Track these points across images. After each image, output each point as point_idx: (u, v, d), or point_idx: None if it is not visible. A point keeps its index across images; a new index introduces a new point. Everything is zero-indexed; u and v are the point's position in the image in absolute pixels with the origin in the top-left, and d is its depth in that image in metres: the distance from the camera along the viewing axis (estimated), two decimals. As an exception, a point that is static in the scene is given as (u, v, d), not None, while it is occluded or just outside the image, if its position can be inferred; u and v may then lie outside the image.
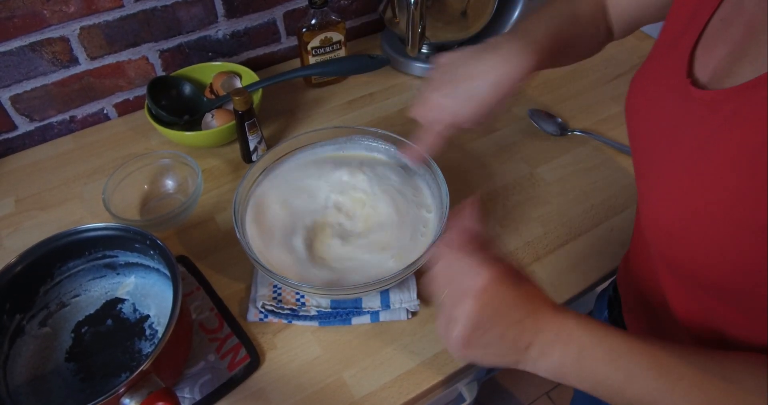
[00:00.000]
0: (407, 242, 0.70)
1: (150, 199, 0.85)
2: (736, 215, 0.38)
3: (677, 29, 0.49)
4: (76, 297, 0.70)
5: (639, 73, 0.54)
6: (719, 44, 0.43)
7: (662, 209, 0.45)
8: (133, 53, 0.97)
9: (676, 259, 0.45)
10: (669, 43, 0.50)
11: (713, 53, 0.43)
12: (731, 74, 0.41)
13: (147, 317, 0.70)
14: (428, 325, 0.71)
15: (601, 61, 1.12)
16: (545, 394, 1.66)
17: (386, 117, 1.01)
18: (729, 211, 0.38)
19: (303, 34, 0.97)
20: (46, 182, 0.91)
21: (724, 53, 0.42)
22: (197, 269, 0.76)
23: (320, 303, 0.70)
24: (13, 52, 0.87)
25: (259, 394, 0.65)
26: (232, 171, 0.91)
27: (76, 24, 0.89)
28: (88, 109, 1.00)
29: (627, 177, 0.89)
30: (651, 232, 0.47)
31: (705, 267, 0.42)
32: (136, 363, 0.66)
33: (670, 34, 0.51)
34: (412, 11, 0.87)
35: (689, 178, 0.41)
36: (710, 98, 0.41)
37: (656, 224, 0.46)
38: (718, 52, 0.43)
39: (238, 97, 0.80)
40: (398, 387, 0.65)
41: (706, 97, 0.42)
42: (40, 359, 0.66)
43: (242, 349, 0.68)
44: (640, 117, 0.51)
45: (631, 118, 0.54)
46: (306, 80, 1.07)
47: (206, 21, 1.00)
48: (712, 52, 0.44)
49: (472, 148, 0.94)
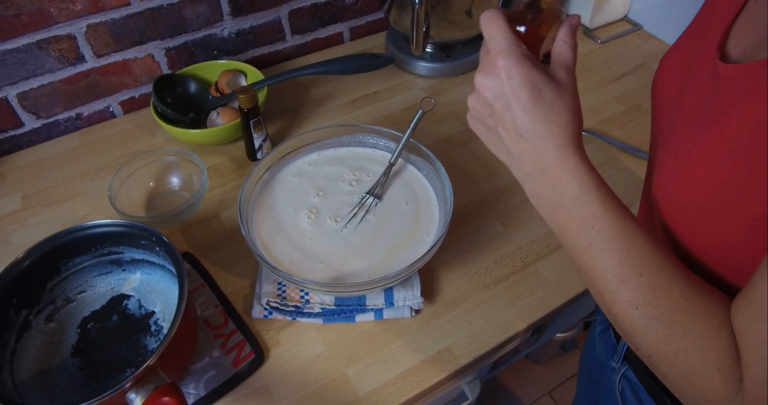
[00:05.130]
0: (411, 240, 0.71)
1: (155, 196, 0.86)
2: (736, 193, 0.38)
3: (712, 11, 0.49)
4: (82, 293, 0.71)
5: (670, 51, 0.55)
6: (751, 25, 0.44)
7: (671, 179, 0.45)
8: (139, 51, 0.98)
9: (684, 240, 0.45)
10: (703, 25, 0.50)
11: (745, 33, 0.44)
12: (758, 52, 0.41)
13: (152, 313, 0.70)
14: (432, 322, 0.71)
15: (605, 61, 1.12)
16: (547, 394, 1.66)
17: (390, 115, 1.01)
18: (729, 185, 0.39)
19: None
20: (52, 179, 0.92)
21: (755, 33, 0.43)
22: (202, 266, 0.77)
23: (324, 300, 0.71)
24: (20, 49, 0.87)
25: (263, 390, 0.66)
26: (236, 168, 0.92)
27: (83, 22, 0.89)
28: (94, 106, 1.00)
29: (631, 176, 0.89)
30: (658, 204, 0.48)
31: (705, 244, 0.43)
32: (142, 358, 0.66)
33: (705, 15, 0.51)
34: (416, 10, 0.87)
35: (698, 149, 0.42)
36: (733, 73, 0.42)
37: (664, 195, 0.46)
38: (749, 31, 0.44)
39: (244, 95, 0.81)
40: (401, 384, 0.66)
41: (729, 72, 0.42)
42: (46, 354, 0.66)
43: (247, 346, 0.68)
44: (666, 90, 0.52)
45: (656, 91, 0.55)
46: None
47: (212, 19, 1.01)
48: (744, 32, 0.44)
49: (475, 147, 0.94)
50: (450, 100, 1.04)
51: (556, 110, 0.42)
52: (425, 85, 1.08)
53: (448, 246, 0.79)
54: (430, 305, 0.73)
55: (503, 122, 0.43)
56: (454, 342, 0.69)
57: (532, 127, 0.42)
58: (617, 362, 0.67)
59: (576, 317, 1.30)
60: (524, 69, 0.41)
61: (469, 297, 0.74)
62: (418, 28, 0.90)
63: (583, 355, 0.87)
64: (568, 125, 0.43)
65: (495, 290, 0.74)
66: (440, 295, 0.74)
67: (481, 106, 0.45)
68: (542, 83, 0.42)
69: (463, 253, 0.79)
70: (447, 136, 0.96)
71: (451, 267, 0.77)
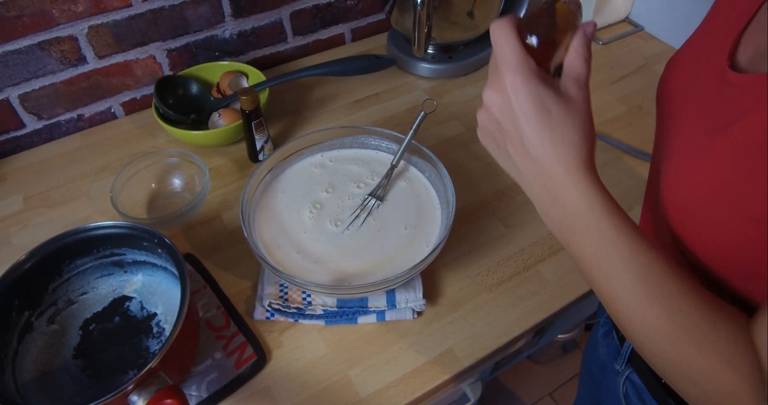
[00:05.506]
0: (413, 242, 0.71)
1: (157, 197, 0.86)
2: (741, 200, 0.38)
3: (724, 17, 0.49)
4: (84, 294, 0.71)
5: (676, 56, 0.54)
6: (761, 33, 0.43)
7: (678, 185, 0.45)
8: (140, 52, 0.98)
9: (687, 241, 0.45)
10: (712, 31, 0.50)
11: (755, 41, 0.44)
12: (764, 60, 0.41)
13: (154, 315, 0.70)
14: (434, 324, 0.71)
15: (606, 62, 1.12)
16: (548, 395, 1.66)
17: (392, 117, 1.01)
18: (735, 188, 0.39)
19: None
20: (54, 180, 0.92)
21: (764, 41, 0.43)
22: (204, 267, 0.77)
23: (326, 302, 0.71)
24: (22, 50, 0.87)
25: (266, 391, 0.66)
26: (238, 170, 0.92)
27: (85, 23, 0.89)
28: (96, 107, 1.00)
29: (632, 177, 0.89)
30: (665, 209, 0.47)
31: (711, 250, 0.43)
32: (144, 360, 0.66)
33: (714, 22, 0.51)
34: (418, 11, 0.87)
35: (707, 156, 0.42)
36: (742, 82, 0.41)
37: (672, 200, 0.46)
38: (759, 39, 0.43)
39: (245, 96, 0.81)
40: (403, 386, 0.66)
41: (738, 80, 0.42)
42: (48, 356, 0.66)
43: (249, 347, 0.68)
44: (671, 95, 0.52)
45: (662, 95, 0.54)
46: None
47: (213, 20, 1.01)
48: (754, 40, 0.44)
49: (477, 148, 0.94)
50: (452, 102, 1.04)
51: (565, 130, 0.41)
52: (427, 87, 1.08)
53: (449, 247, 0.79)
54: (432, 307, 0.73)
55: (512, 140, 0.42)
56: (456, 344, 0.69)
57: (540, 148, 0.41)
58: (621, 365, 0.67)
59: (577, 318, 1.30)
60: (532, 86, 0.40)
61: (471, 299, 0.74)
62: (419, 29, 0.90)
63: (585, 357, 0.87)
64: (577, 146, 0.41)
65: (497, 292, 0.74)
66: (442, 296, 0.74)
67: (490, 122, 0.44)
68: (551, 101, 0.40)
69: (465, 254, 0.78)
70: (449, 138, 0.96)
71: (453, 268, 0.77)
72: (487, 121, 0.44)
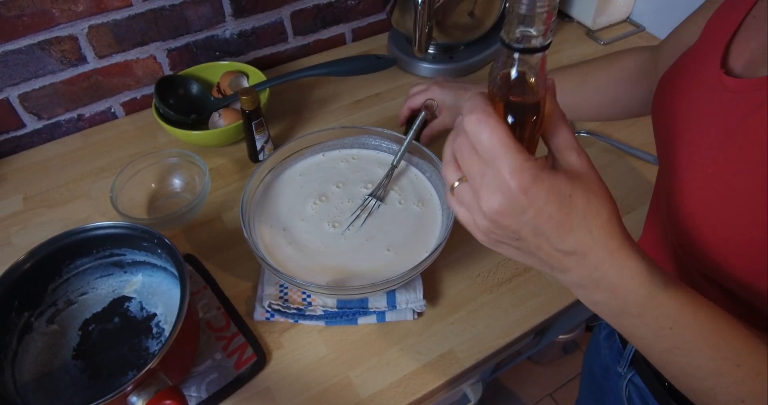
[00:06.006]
0: (414, 242, 0.70)
1: (157, 197, 0.86)
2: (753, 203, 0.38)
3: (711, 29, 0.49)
4: (83, 295, 0.71)
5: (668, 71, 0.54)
6: (752, 39, 0.44)
7: (686, 195, 0.45)
8: (140, 52, 0.97)
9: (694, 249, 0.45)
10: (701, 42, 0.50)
11: (747, 46, 0.44)
12: (764, 64, 0.41)
13: (154, 315, 0.70)
14: (434, 325, 0.71)
15: (608, 62, 1.12)
16: (549, 396, 1.66)
17: (393, 117, 1.01)
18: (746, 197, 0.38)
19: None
20: (54, 180, 0.92)
21: (757, 46, 0.43)
22: (204, 268, 0.77)
23: (327, 303, 0.70)
24: (22, 50, 0.87)
25: (266, 392, 0.65)
26: (239, 170, 0.92)
27: (85, 23, 0.89)
28: (96, 107, 1.00)
29: (634, 178, 0.89)
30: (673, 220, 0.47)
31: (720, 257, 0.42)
32: (143, 361, 0.66)
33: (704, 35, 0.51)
34: (419, 11, 0.87)
35: (715, 164, 0.41)
36: (742, 86, 0.41)
37: (679, 211, 0.46)
38: (751, 45, 0.43)
39: (246, 96, 0.81)
40: (404, 387, 0.65)
41: (738, 85, 0.42)
42: (47, 356, 0.66)
43: (249, 348, 0.68)
44: (666, 108, 0.51)
45: (656, 111, 0.54)
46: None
47: (214, 20, 1.00)
48: (746, 46, 0.44)
49: (478, 149, 0.93)
50: (452, 102, 1.04)
51: (593, 212, 0.36)
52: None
53: (450, 248, 0.78)
54: (432, 308, 0.73)
55: (537, 246, 0.37)
56: (456, 345, 0.69)
57: (575, 243, 0.36)
58: (624, 368, 0.67)
59: (578, 319, 1.30)
60: (545, 183, 0.35)
61: (471, 300, 0.73)
62: (420, 29, 0.90)
63: (587, 359, 0.87)
64: (609, 221, 0.37)
65: (497, 293, 0.74)
66: (443, 297, 0.74)
67: (502, 233, 0.38)
68: (568, 187, 0.35)
69: (466, 255, 0.78)
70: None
71: (453, 269, 0.77)
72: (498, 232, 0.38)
